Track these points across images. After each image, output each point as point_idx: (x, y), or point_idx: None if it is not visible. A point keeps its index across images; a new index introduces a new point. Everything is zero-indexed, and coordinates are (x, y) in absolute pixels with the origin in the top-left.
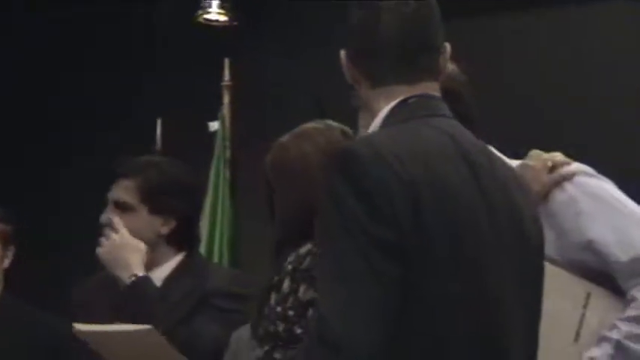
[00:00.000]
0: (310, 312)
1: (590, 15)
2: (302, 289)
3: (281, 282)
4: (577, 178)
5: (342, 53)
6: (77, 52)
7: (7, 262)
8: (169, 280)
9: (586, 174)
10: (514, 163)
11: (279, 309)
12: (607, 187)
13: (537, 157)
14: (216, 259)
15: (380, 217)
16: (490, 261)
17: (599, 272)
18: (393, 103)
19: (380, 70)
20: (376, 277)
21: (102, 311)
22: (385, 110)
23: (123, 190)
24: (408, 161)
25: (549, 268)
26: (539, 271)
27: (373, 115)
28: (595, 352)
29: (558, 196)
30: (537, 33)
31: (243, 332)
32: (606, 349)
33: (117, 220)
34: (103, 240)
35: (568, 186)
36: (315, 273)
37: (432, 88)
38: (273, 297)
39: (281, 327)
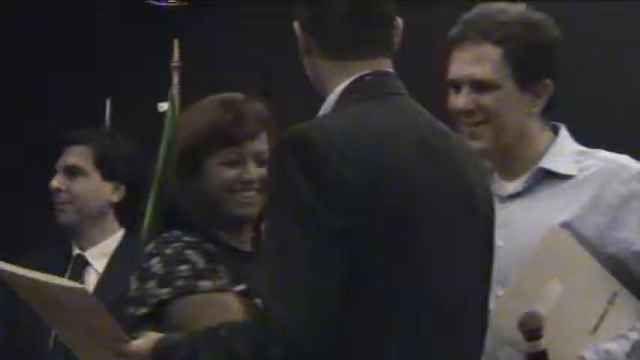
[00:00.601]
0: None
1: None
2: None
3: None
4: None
5: (296, 24)
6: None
7: None
8: (112, 263)
9: None
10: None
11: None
12: None
13: None
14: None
15: (332, 204)
16: (444, 246)
17: (628, 274)
18: (348, 81)
19: (337, 38)
20: (323, 264)
21: None
22: (340, 88)
23: (77, 156)
24: (362, 147)
25: (588, 259)
26: (489, 247)
27: (325, 89)
28: (611, 345)
29: (619, 189)
30: None
31: None
32: (623, 346)
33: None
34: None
35: (633, 182)
36: (261, 256)
37: (388, 64)
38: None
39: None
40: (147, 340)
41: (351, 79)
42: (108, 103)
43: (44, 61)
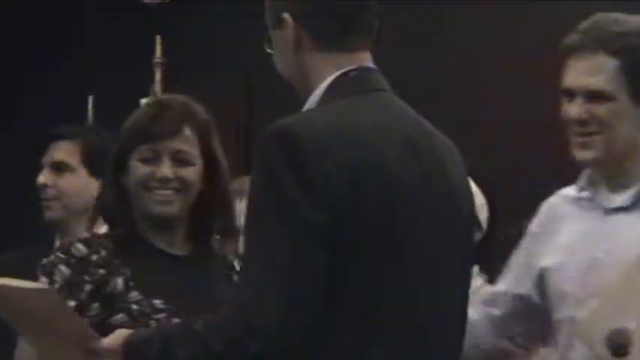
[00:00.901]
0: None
1: None
2: None
3: None
4: None
5: (286, 15)
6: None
7: None
8: None
9: None
10: None
11: None
12: None
13: None
14: None
15: (316, 200)
16: (427, 244)
17: None
18: (332, 76)
19: (329, 30)
20: (304, 261)
21: None
22: (326, 83)
23: (63, 152)
24: (348, 144)
25: None
26: (469, 247)
27: (308, 85)
28: None
29: None
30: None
31: None
32: None
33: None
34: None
35: None
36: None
37: (369, 60)
38: None
39: None
40: (116, 336)
41: (337, 73)
42: (90, 99)
43: (29, 58)
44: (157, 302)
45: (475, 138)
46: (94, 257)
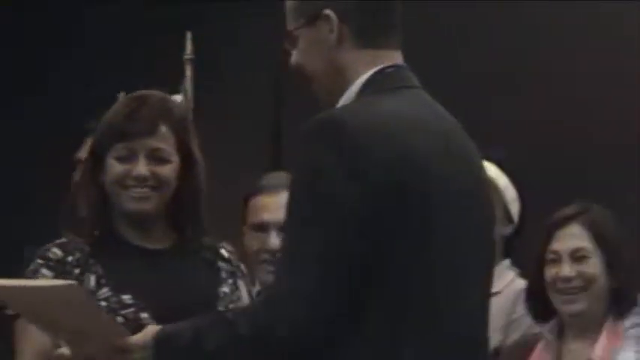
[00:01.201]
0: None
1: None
2: None
3: None
4: None
5: (328, 12)
6: (35, 26)
7: None
8: None
9: None
10: None
11: None
12: None
13: None
14: None
15: (364, 193)
16: (454, 240)
17: None
18: (369, 73)
19: (373, 27)
20: (340, 255)
21: None
22: (363, 79)
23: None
24: (392, 136)
25: None
26: (491, 246)
27: (343, 82)
28: None
29: None
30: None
31: None
32: None
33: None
34: None
35: None
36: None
37: (401, 58)
38: None
39: None
40: (146, 331)
41: (373, 70)
42: (121, 96)
43: (63, 54)
44: (126, 297)
45: (507, 133)
46: (70, 259)
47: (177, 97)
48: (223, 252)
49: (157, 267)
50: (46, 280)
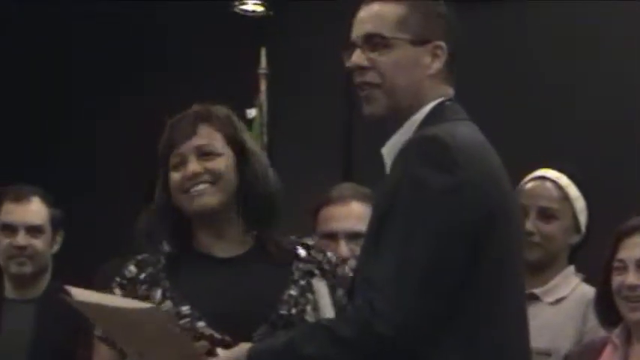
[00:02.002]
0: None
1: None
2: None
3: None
4: None
5: (442, 43)
6: (115, 44)
7: (55, 247)
8: None
9: None
10: None
11: None
12: None
13: None
14: None
15: (463, 203)
16: (518, 251)
17: None
18: (433, 103)
19: (449, 66)
20: (445, 258)
21: None
22: (427, 109)
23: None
24: (478, 156)
25: None
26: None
27: (414, 107)
28: None
29: None
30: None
31: None
32: None
33: None
34: None
35: None
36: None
37: (453, 93)
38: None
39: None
40: (238, 349)
41: (437, 101)
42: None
43: (148, 71)
44: (184, 309)
45: (574, 142)
46: (142, 276)
47: (252, 111)
48: (301, 251)
49: (220, 275)
50: (128, 301)
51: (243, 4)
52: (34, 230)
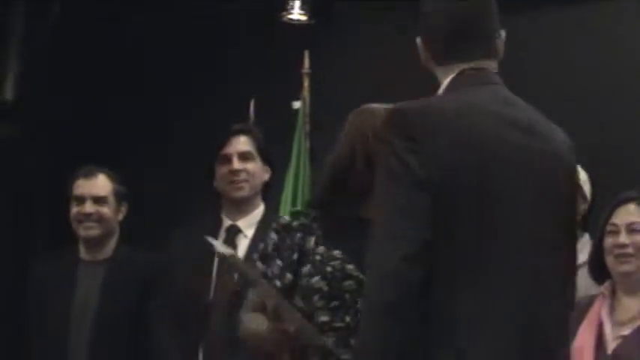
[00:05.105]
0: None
1: None
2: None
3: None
4: None
5: (418, 39)
6: (176, 48)
7: (120, 216)
8: (258, 231)
9: None
10: None
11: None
12: None
13: None
14: None
15: (422, 160)
16: (517, 208)
17: None
18: (452, 76)
19: (441, 52)
20: (408, 208)
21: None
22: (446, 82)
23: (245, 144)
24: (448, 119)
25: None
26: (566, 214)
27: (439, 82)
28: None
29: None
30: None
31: None
32: None
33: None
34: None
35: None
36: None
37: (487, 64)
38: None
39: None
40: None
41: (454, 74)
42: (252, 103)
43: (204, 70)
44: (336, 252)
45: (578, 113)
46: (295, 223)
47: (297, 103)
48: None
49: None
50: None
51: (290, 13)
52: (99, 200)
